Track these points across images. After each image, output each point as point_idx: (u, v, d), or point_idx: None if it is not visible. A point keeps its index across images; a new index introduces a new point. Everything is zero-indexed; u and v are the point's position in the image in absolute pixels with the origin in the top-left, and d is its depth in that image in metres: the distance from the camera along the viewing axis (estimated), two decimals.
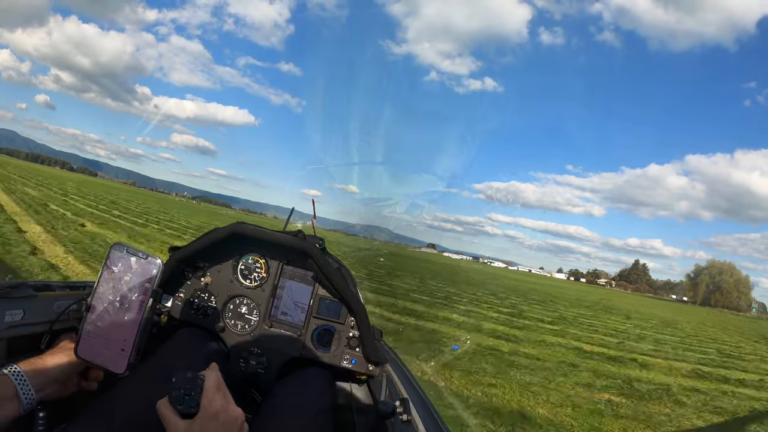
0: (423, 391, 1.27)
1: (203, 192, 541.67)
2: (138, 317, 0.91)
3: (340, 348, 1.40)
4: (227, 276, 1.43)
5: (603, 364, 7.78)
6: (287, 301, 1.43)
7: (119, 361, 0.90)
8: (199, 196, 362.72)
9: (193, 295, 1.41)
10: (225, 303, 1.41)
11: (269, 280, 1.43)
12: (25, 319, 0.98)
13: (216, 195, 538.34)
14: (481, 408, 4.45)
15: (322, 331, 1.41)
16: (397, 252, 71.71)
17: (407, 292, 13.42)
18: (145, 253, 0.93)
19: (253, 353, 1.37)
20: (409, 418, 0.99)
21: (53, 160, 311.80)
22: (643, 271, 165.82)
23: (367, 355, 1.36)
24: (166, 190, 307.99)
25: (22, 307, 0.97)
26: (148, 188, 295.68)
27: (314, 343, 1.40)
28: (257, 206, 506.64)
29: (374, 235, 40.00)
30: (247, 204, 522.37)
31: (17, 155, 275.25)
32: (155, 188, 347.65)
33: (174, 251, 1.36)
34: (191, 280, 1.42)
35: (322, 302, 1.42)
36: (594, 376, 6.70)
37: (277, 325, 1.41)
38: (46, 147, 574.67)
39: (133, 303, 0.91)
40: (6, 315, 0.94)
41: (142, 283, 0.91)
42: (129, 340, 0.90)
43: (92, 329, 0.90)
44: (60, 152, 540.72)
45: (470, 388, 4.99)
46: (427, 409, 1.10)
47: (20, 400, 0.83)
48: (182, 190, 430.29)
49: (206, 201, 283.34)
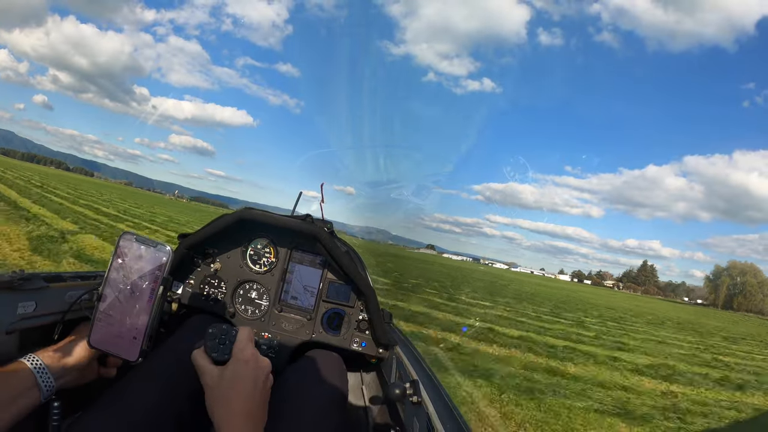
0: (433, 372, 1.23)
1: (201, 193, 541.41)
2: (149, 305, 0.91)
3: (350, 331, 1.41)
4: (236, 262, 1.43)
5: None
6: (297, 285, 1.44)
7: (132, 348, 0.90)
8: (196, 197, 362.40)
9: (203, 282, 1.42)
10: (235, 289, 1.42)
11: (278, 265, 1.44)
12: (38, 310, 0.98)
13: (214, 196, 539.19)
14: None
15: (332, 314, 1.42)
16: (398, 253, 68.61)
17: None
18: (154, 241, 0.93)
19: (264, 338, 1.38)
20: (419, 399, 0.99)
21: (49, 160, 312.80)
22: (651, 273, 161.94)
23: (376, 338, 1.37)
24: (163, 190, 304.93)
25: (34, 298, 0.97)
26: (145, 188, 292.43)
27: (324, 327, 1.41)
28: (256, 207, 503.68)
29: (372, 236, 37.56)
30: (245, 205, 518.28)
31: (13, 155, 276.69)
32: (152, 188, 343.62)
33: (183, 238, 1.36)
34: (201, 266, 1.43)
35: (331, 286, 1.43)
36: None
37: (287, 309, 1.42)
38: (44, 147, 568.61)
39: (144, 291, 0.91)
40: (18, 307, 0.94)
41: (153, 270, 0.91)
42: (141, 328, 0.90)
43: (104, 318, 0.90)
44: (58, 153, 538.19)
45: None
46: (437, 390, 1.08)
47: (40, 389, 0.83)
48: (181, 191, 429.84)
49: (203, 202, 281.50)
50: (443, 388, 1.11)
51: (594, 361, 7.81)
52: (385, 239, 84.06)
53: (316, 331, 1.40)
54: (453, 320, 9.46)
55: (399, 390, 1.02)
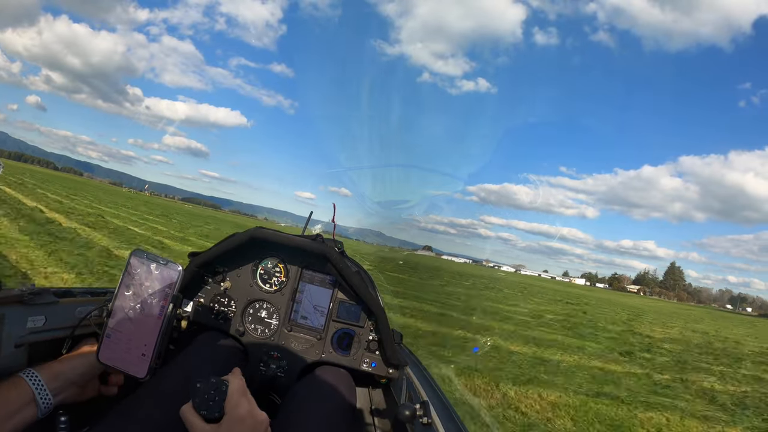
0: (443, 394, 1.22)
1: (195, 194, 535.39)
2: (158, 322, 0.91)
3: (360, 351, 1.40)
4: (247, 280, 1.43)
5: None
6: (307, 305, 1.43)
7: (140, 365, 0.90)
8: (188, 197, 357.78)
9: (213, 300, 1.41)
10: (245, 307, 1.41)
11: (289, 284, 1.44)
12: (47, 325, 0.98)
13: (209, 197, 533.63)
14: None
15: (342, 334, 1.41)
16: (393, 257, 63.87)
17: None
18: (165, 258, 0.94)
19: (273, 357, 1.37)
20: (429, 421, 0.98)
21: (37, 160, 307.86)
22: (679, 276, 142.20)
23: (386, 359, 1.36)
24: (138, 187, 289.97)
25: (44, 313, 0.97)
26: (127, 187, 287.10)
27: (334, 347, 1.40)
28: (250, 209, 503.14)
29: (366, 238, 34.89)
30: (239, 206, 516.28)
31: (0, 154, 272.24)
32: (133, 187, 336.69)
33: (194, 257, 1.36)
34: (211, 285, 1.42)
35: (341, 306, 1.42)
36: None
37: (297, 329, 1.41)
38: (38, 149, 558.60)
39: (154, 308, 0.92)
40: (28, 321, 0.94)
41: (163, 288, 0.92)
42: (150, 345, 0.90)
43: (113, 334, 0.91)
44: (52, 154, 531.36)
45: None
46: (448, 412, 1.08)
47: (38, 405, 0.83)
48: (175, 192, 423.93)
49: (195, 203, 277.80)
50: (454, 411, 1.10)
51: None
52: (379, 241, 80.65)
53: (326, 351, 1.40)
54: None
55: (409, 411, 1.00)
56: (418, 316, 9.23)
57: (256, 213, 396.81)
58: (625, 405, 5.34)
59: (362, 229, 21.39)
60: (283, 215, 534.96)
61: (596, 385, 6.21)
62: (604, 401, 5.35)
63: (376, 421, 1.44)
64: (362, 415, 1.45)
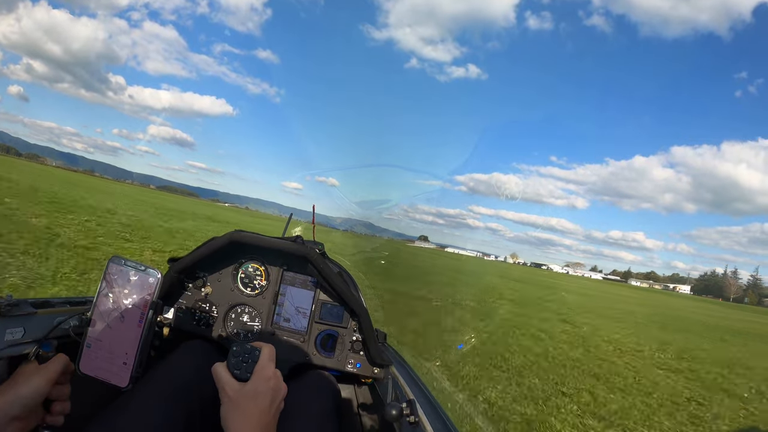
0: (430, 392, 1.22)
1: (184, 185, 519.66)
2: (139, 330, 0.89)
3: (344, 352, 1.39)
4: (227, 285, 1.41)
5: None
6: (289, 307, 1.41)
7: (122, 374, 0.88)
8: (164, 186, 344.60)
9: (194, 306, 1.39)
10: (226, 312, 1.40)
11: (270, 287, 1.42)
12: (26, 336, 0.95)
13: (196, 188, 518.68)
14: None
15: (326, 336, 1.40)
16: (394, 250, 57.67)
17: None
18: (143, 264, 0.91)
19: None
20: (416, 419, 0.99)
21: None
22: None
23: (371, 359, 1.36)
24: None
25: (23, 324, 0.94)
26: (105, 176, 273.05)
27: (318, 349, 1.39)
28: (237, 199, 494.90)
29: (354, 228, 32.27)
30: (226, 197, 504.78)
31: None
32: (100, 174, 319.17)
33: (173, 262, 1.33)
34: (191, 290, 1.40)
35: (324, 307, 1.41)
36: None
37: (280, 332, 1.40)
38: (21, 141, 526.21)
39: (134, 316, 0.89)
40: (6, 333, 0.91)
41: (142, 295, 0.90)
42: (131, 354, 0.89)
43: (94, 344, 0.89)
44: (35, 146, 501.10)
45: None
46: (435, 410, 1.08)
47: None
48: (161, 183, 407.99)
49: (172, 191, 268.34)
50: (441, 408, 1.10)
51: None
52: (369, 232, 76.49)
53: (310, 353, 1.39)
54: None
55: (395, 410, 1.01)
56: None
57: (240, 204, 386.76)
58: None
59: (350, 219, 19.86)
60: (270, 206, 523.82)
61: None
62: None
63: (362, 421, 1.45)
64: (349, 416, 1.47)
